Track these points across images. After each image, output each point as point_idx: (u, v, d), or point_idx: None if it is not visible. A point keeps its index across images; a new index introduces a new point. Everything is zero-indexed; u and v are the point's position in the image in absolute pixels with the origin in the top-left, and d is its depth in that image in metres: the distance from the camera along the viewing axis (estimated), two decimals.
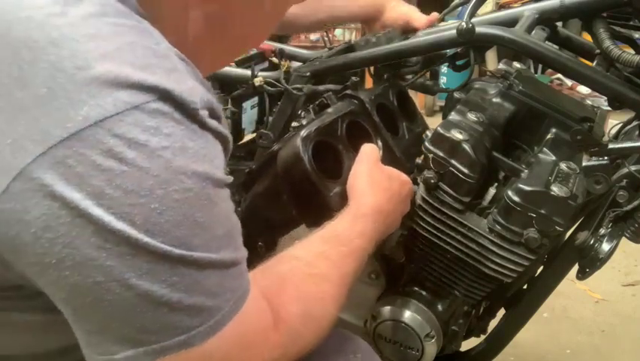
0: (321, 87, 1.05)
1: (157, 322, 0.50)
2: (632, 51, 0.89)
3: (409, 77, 1.13)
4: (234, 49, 0.65)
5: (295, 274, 0.68)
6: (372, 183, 0.82)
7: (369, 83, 1.21)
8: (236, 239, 0.56)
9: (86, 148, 0.45)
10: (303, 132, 0.89)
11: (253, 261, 0.63)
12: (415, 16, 1.18)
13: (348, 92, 1.03)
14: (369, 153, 0.87)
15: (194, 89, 0.50)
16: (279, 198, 0.93)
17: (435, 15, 1.16)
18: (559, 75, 3.53)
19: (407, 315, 0.97)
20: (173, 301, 0.50)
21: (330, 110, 0.99)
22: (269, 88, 1.06)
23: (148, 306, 0.49)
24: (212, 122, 0.52)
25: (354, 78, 1.03)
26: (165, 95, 0.48)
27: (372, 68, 1.16)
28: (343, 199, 0.84)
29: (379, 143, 0.99)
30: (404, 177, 0.88)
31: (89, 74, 0.46)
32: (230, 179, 0.55)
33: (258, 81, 1.06)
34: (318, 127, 0.91)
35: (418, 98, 3.58)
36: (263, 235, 0.98)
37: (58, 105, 0.45)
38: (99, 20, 0.48)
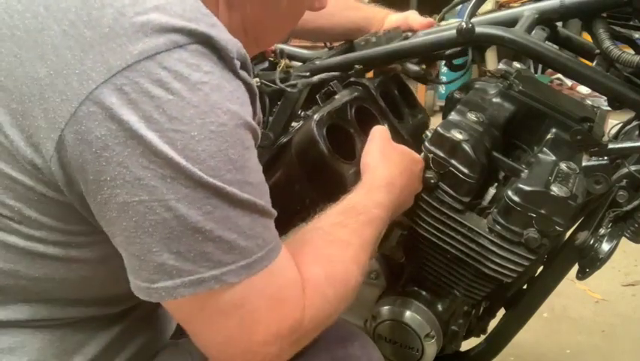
0: (315, 78, 1.05)
1: (192, 249, 0.55)
2: (632, 51, 0.89)
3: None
4: (250, 50, 0.69)
5: (315, 241, 0.70)
6: (384, 158, 0.83)
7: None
8: (266, 195, 0.61)
9: (140, 77, 0.53)
10: (316, 116, 0.91)
11: None
12: (413, 18, 1.17)
13: (353, 79, 1.04)
14: (380, 131, 0.88)
15: (232, 41, 0.58)
16: (292, 189, 0.94)
17: (432, 21, 1.15)
18: (559, 75, 3.53)
19: (407, 315, 0.97)
20: (206, 229, 0.55)
21: (337, 96, 1.01)
22: (265, 88, 1.06)
23: (184, 230, 0.55)
24: (244, 73, 0.59)
25: (357, 66, 1.03)
26: (207, 41, 0.55)
27: None
28: (360, 179, 0.85)
29: (386, 126, 1.00)
30: (415, 155, 0.89)
31: (145, 19, 0.54)
32: (259, 135, 0.61)
33: (255, 81, 1.06)
34: (330, 111, 0.93)
35: (418, 97, 3.58)
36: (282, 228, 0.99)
37: (120, 42, 0.53)
38: None
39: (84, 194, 0.56)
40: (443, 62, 1.13)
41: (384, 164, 0.82)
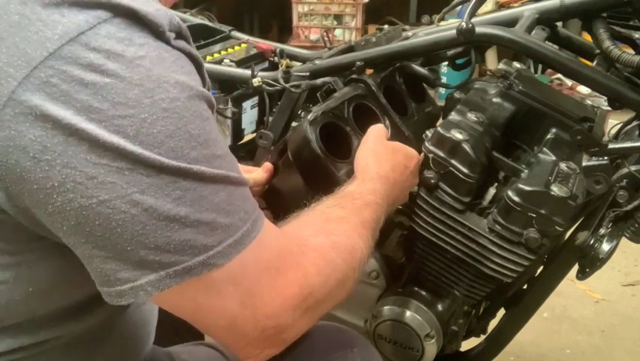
0: (319, 81, 1.05)
1: (171, 240, 0.50)
2: (632, 51, 0.89)
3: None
4: None
5: (314, 219, 0.68)
6: (375, 156, 0.83)
7: None
8: (236, 164, 0.57)
9: (67, 65, 0.46)
10: (310, 116, 0.92)
11: None
12: None
13: (354, 76, 1.04)
14: (375, 131, 0.88)
15: (160, 12, 0.51)
16: (291, 187, 0.95)
17: None
18: (559, 75, 3.53)
19: (407, 315, 0.97)
20: (181, 216, 0.50)
21: (336, 94, 1.01)
22: (268, 88, 1.06)
23: (157, 223, 0.49)
24: (180, 43, 0.53)
25: (358, 63, 1.03)
26: (132, 14, 0.49)
27: None
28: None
29: (387, 123, 1.02)
30: (410, 150, 0.89)
31: None
32: (214, 103, 0.55)
33: (256, 82, 1.06)
34: (324, 110, 0.94)
35: None
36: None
37: (34, 29, 0.46)
38: None
39: (29, 207, 0.49)
40: (444, 63, 1.13)
41: (376, 160, 0.82)
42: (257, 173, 0.97)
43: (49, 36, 0.46)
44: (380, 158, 0.83)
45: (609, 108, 0.92)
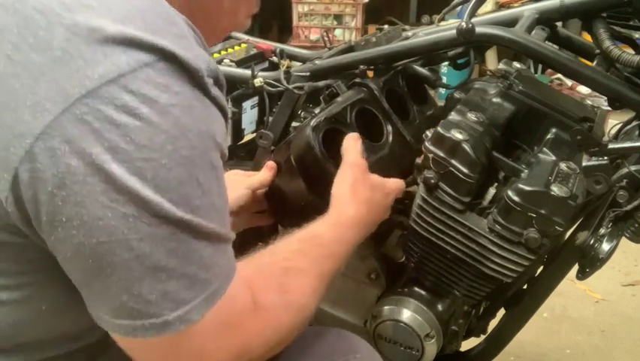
0: (321, 83, 1.05)
1: (154, 290, 0.51)
2: (632, 51, 0.89)
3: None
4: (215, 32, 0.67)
5: (273, 266, 0.67)
6: (354, 195, 0.82)
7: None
8: (228, 218, 0.58)
9: (102, 104, 0.47)
10: (313, 122, 0.92)
11: None
12: None
13: (357, 80, 1.04)
14: (354, 160, 0.86)
15: (200, 57, 0.52)
16: (293, 188, 0.95)
17: None
18: (559, 75, 3.53)
19: (407, 315, 0.97)
20: (169, 268, 0.51)
21: (339, 98, 1.01)
22: (269, 88, 1.06)
23: (146, 270, 0.50)
24: (216, 91, 0.54)
25: (361, 67, 1.03)
26: (173, 58, 0.50)
27: None
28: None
29: (389, 128, 1.01)
30: (388, 185, 0.88)
31: (102, 36, 0.48)
32: (226, 154, 0.57)
33: (258, 82, 1.06)
34: (327, 116, 0.94)
35: None
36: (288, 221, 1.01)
37: (75, 66, 0.47)
38: None
39: (38, 231, 0.51)
40: (445, 63, 1.13)
41: (353, 201, 0.82)
42: (261, 173, 0.96)
43: (89, 75, 0.47)
44: (358, 198, 0.82)
45: (609, 108, 0.92)
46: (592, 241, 0.89)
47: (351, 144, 0.88)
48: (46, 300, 0.58)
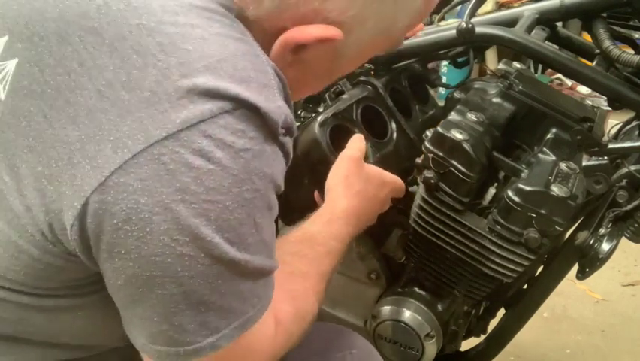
0: None
1: (193, 321, 0.53)
2: (632, 51, 0.89)
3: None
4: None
5: (279, 274, 0.68)
6: (347, 187, 0.83)
7: None
8: (274, 249, 0.59)
9: (180, 147, 0.48)
10: (320, 118, 0.93)
11: None
12: None
13: (362, 78, 1.05)
14: (349, 153, 0.87)
15: (280, 109, 0.54)
16: (300, 184, 0.96)
17: (420, 26, 1.14)
18: (559, 75, 3.53)
19: (407, 315, 0.97)
20: (211, 301, 0.53)
21: (345, 96, 1.02)
22: None
23: (190, 305, 0.53)
24: (286, 140, 0.56)
25: (367, 65, 1.04)
26: (254, 109, 0.51)
27: None
28: None
29: (393, 126, 1.02)
30: (385, 178, 0.88)
31: (192, 82, 0.49)
32: (282, 187, 0.58)
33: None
34: (334, 112, 0.95)
35: None
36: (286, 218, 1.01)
37: (162, 109, 0.49)
38: (206, 30, 0.52)
39: (94, 257, 0.53)
40: (444, 63, 1.13)
41: (345, 193, 0.82)
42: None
43: (172, 118, 0.48)
44: (351, 190, 0.83)
45: (609, 108, 0.92)
46: (592, 241, 0.89)
47: (355, 141, 0.89)
48: (87, 309, 0.60)
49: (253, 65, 0.53)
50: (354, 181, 0.84)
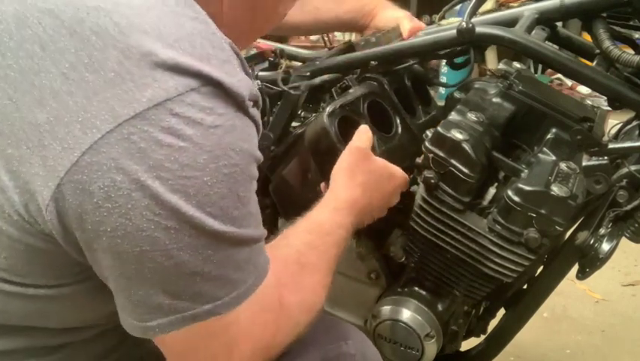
0: (317, 80, 1.05)
1: (189, 290, 0.55)
2: (632, 51, 0.89)
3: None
4: (260, 26, 0.70)
5: (290, 263, 0.70)
6: (350, 177, 0.84)
7: None
8: (260, 217, 0.61)
9: (149, 126, 0.50)
10: (329, 108, 0.94)
11: None
12: (404, 23, 1.14)
13: (368, 74, 1.06)
14: (357, 145, 0.87)
15: (243, 82, 0.56)
16: (305, 177, 0.97)
17: (421, 26, 1.14)
18: (559, 75, 3.53)
19: (407, 315, 0.97)
20: (205, 272, 0.55)
21: (351, 90, 1.03)
22: (267, 89, 1.06)
23: (182, 275, 0.54)
24: (254, 111, 0.58)
25: (372, 62, 1.04)
26: (218, 84, 0.53)
27: None
28: None
29: (398, 121, 1.03)
30: (391, 171, 0.89)
31: (153, 61, 0.50)
32: (262, 158, 0.60)
33: (256, 84, 1.06)
34: (343, 104, 0.96)
35: None
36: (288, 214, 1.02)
37: (126, 88, 0.50)
38: (162, 10, 0.53)
39: (79, 241, 0.54)
40: (444, 63, 1.14)
41: (348, 184, 0.83)
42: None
43: (138, 97, 0.50)
44: (354, 181, 0.84)
45: (609, 108, 0.92)
46: (592, 241, 0.89)
47: (362, 132, 0.89)
48: (72, 299, 0.62)
49: (211, 43, 0.54)
50: (358, 172, 0.85)
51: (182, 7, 0.55)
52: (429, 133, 0.88)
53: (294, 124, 1.11)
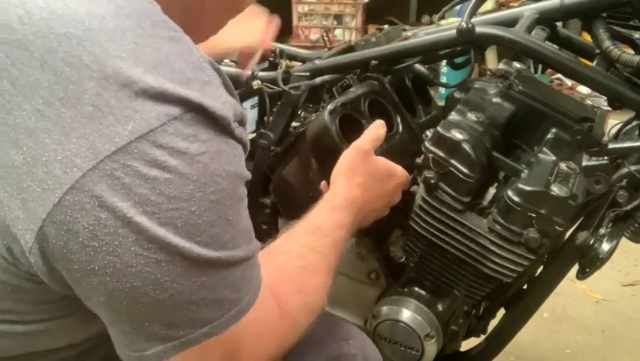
0: (317, 80, 1.06)
1: (184, 318, 0.54)
2: (632, 51, 0.89)
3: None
4: (223, 15, 0.67)
5: (290, 267, 0.70)
6: (349, 177, 0.84)
7: None
8: (252, 231, 0.60)
9: (132, 160, 0.47)
10: (330, 106, 0.94)
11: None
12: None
13: (369, 73, 1.06)
14: (358, 145, 0.87)
15: (226, 104, 0.53)
16: (306, 175, 0.97)
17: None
18: (559, 75, 3.53)
19: (407, 315, 0.97)
20: (200, 298, 0.53)
21: (352, 89, 1.03)
22: (267, 89, 1.06)
23: (177, 305, 0.53)
24: (240, 131, 0.55)
25: (374, 62, 1.04)
26: (201, 109, 0.50)
27: None
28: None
29: (398, 120, 1.04)
30: (392, 170, 0.89)
31: (132, 90, 0.48)
32: (249, 176, 0.58)
33: (256, 84, 1.06)
34: (344, 102, 0.96)
35: None
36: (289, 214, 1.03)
37: (106, 122, 0.47)
38: (137, 33, 0.50)
39: (66, 279, 0.52)
40: (444, 63, 1.14)
41: (347, 184, 0.84)
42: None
43: (119, 131, 0.47)
44: (353, 180, 0.84)
45: (609, 108, 0.92)
46: (592, 241, 0.89)
47: (371, 130, 0.89)
48: (64, 329, 0.61)
49: (190, 65, 0.52)
50: (357, 172, 0.85)
51: (158, 27, 0.52)
52: (429, 133, 0.88)
53: (294, 124, 1.11)
